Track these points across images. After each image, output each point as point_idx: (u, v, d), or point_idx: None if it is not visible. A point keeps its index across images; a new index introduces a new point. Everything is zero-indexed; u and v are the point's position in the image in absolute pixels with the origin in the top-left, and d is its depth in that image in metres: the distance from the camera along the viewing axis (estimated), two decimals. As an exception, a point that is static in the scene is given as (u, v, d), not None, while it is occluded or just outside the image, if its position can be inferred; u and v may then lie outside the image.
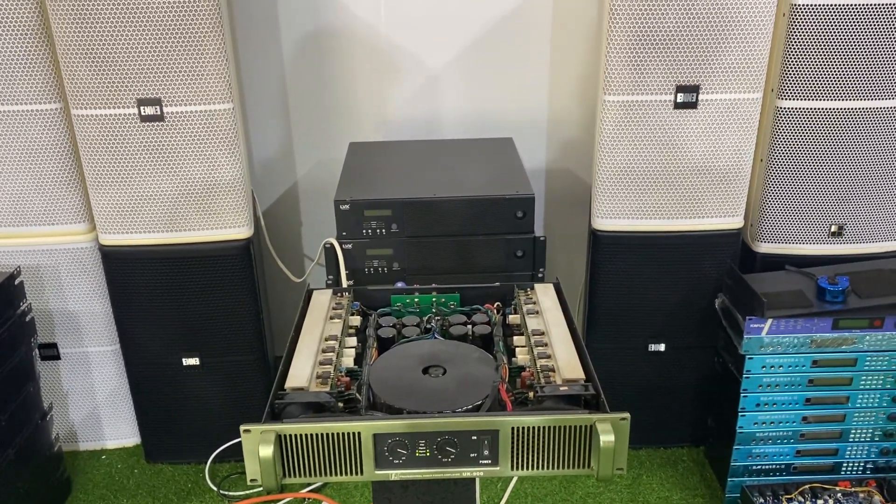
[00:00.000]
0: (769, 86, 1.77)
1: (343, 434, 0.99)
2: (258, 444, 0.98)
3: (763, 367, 1.73)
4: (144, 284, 1.85)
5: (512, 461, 1.01)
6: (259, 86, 2.18)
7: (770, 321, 1.68)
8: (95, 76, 1.65)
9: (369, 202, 1.71)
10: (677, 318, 1.92)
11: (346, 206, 1.70)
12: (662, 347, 1.96)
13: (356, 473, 1.01)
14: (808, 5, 1.67)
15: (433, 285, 1.35)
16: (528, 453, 1.01)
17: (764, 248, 1.91)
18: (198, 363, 1.95)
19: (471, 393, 1.07)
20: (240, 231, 1.83)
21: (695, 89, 1.71)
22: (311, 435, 0.99)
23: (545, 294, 1.33)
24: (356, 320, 1.29)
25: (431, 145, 2.12)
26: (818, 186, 1.83)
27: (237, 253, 1.84)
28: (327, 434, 0.99)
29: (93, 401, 2.07)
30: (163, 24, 1.61)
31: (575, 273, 2.28)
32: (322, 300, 1.33)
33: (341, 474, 1.01)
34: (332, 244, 1.71)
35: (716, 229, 1.84)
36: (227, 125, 1.73)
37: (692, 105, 1.73)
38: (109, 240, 1.82)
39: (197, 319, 1.89)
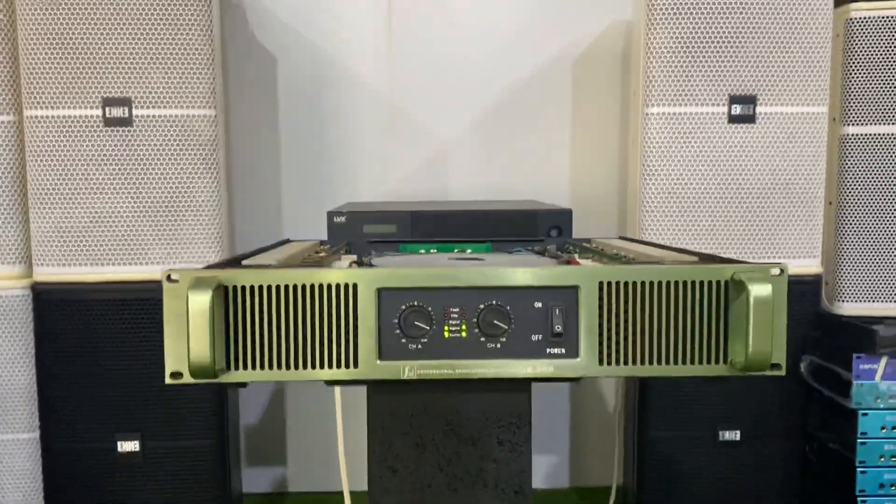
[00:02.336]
0: (830, 115, 1.55)
1: (328, 287, 0.61)
2: (187, 298, 0.60)
3: (882, 427, 1.31)
4: (79, 334, 1.46)
5: (601, 348, 0.62)
6: (247, 150, 1.95)
7: (885, 360, 1.30)
8: (55, 69, 1.42)
9: (370, 214, 1.40)
10: (754, 394, 1.52)
11: (342, 219, 1.38)
12: (737, 436, 1.53)
13: (344, 366, 0.61)
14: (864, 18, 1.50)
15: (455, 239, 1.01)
16: (626, 336, 0.62)
17: (847, 308, 1.56)
18: (137, 449, 1.50)
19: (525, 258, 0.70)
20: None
21: (751, 100, 1.48)
22: (276, 288, 0.61)
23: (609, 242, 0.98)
24: (349, 260, 0.94)
25: (443, 204, 1.84)
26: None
27: (202, 295, 1.48)
28: (301, 287, 0.61)
29: (-5, 511, 1.57)
30: (140, 8, 1.42)
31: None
32: (300, 247, 0.98)
33: (319, 367, 0.61)
34: (321, 265, 1.37)
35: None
36: (207, 135, 1.47)
37: (749, 119, 1.49)
38: (46, 275, 1.47)
39: (139, 387, 1.48)
